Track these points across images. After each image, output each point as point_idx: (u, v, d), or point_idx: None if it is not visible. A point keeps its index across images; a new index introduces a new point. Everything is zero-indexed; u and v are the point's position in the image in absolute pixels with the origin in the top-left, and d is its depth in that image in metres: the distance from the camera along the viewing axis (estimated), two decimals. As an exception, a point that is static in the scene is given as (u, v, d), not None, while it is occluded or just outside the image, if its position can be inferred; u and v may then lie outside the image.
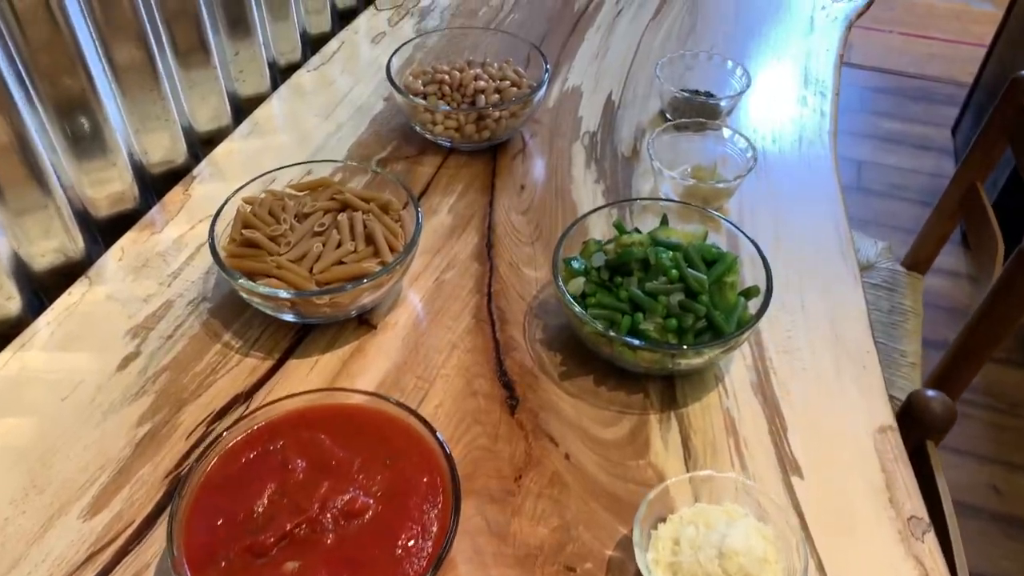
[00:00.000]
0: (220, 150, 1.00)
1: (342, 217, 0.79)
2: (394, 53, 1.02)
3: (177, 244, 0.88)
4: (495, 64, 1.03)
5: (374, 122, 1.05)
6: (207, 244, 0.76)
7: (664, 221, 0.81)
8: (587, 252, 0.78)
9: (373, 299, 0.76)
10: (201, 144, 1.02)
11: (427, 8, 1.30)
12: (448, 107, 0.95)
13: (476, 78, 0.99)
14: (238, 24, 1.01)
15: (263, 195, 0.82)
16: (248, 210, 0.80)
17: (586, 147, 1.02)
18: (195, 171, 0.97)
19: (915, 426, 0.84)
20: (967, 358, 1.03)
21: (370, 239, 0.78)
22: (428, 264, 0.86)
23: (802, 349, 0.78)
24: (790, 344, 0.78)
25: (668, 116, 1.06)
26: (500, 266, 0.86)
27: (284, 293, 0.72)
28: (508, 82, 1.00)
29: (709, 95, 1.06)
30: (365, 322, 0.80)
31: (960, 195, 1.39)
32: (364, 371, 0.75)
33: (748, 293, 0.75)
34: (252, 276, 0.75)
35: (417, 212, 0.79)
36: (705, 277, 0.72)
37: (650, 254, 0.73)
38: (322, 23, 1.21)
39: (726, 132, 0.96)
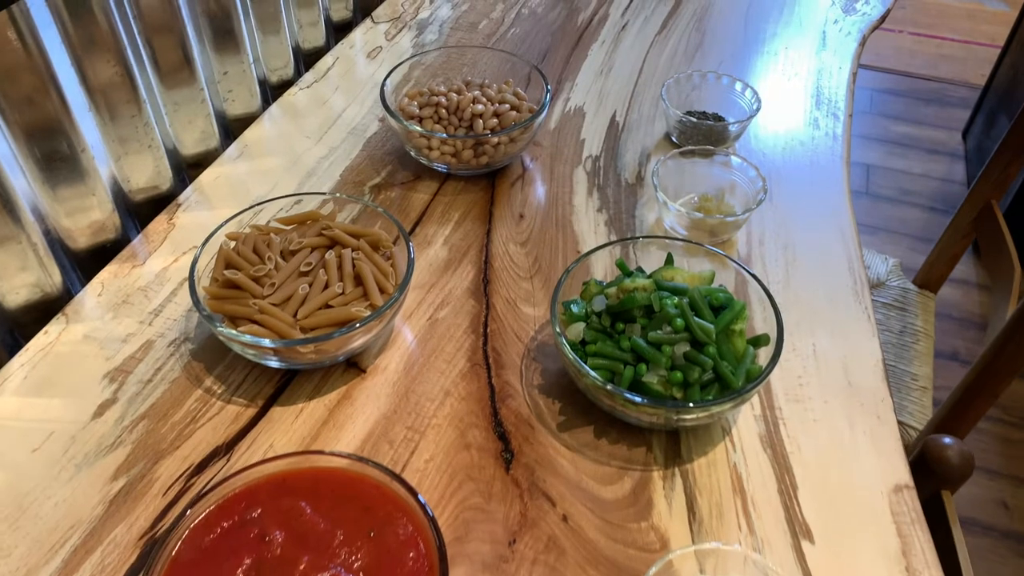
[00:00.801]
0: (207, 175, 0.96)
1: (330, 255, 0.75)
2: (388, 75, 0.97)
3: (160, 278, 0.84)
4: (494, 85, 0.99)
5: (368, 145, 1.01)
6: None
7: (669, 260, 0.77)
8: (588, 294, 0.74)
9: (362, 343, 0.73)
10: (188, 168, 0.98)
11: (425, 21, 1.25)
12: (444, 135, 0.91)
13: (474, 101, 0.95)
14: (225, 39, 0.97)
15: (247, 230, 0.79)
16: (231, 247, 0.76)
17: (588, 173, 0.98)
18: (180, 198, 0.93)
19: (930, 476, 0.80)
20: (975, 398, 0.99)
21: (359, 280, 0.74)
22: (422, 300, 0.82)
23: (813, 398, 0.74)
24: (801, 392, 0.74)
25: (674, 139, 1.02)
26: (497, 303, 0.82)
27: (266, 342, 0.68)
28: (507, 105, 0.95)
29: (717, 118, 1.02)
30: (354, 365, 0.76)
31: (975, 213, 1.34)
32: (352, 420, 0.71)
33: (757, 342, 0.71)
34: (234, 320, 0.71)
35: (409, 249, 0.75)
36: (712, 327, 0.68)
37: (654, 301, 0.69)
38: (316, 37, 1.16)
39: (735, 160, 0.91)
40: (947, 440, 0.80)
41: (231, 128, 1.04)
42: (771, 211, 0.93)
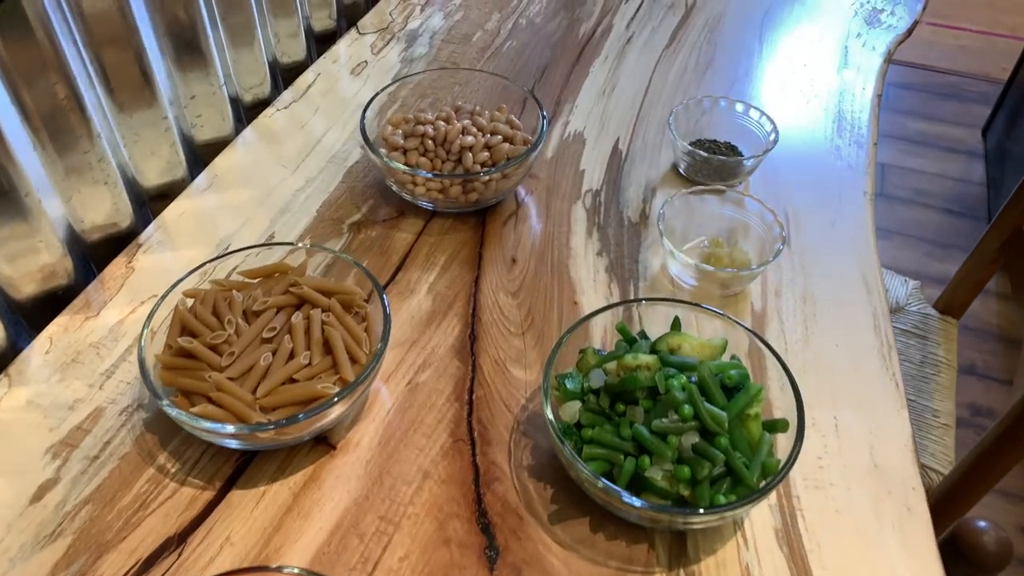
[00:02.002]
0: (172, 210, 0.88)
1: (297, 319, 0.67)
2: (368, 103, 0.89)
3: (114, 333, 0.76)
4: (486, 113, 0.91)
5: (349, 175, 0.93)
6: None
7: (676, 324, 0.69)
8: (585, 364, 0.66)
9: (330, 421, 0.65)
10: (151, 200, 0.90)
11: (415, 32, 1.17)
12: (429, 173, 0.82)
13: (464, 132, 0.87)
14: (191, 54, 0.88)
15: (208, 286, 0.71)
16: (188, 307, 0.68)
17: (588, 209, 0.89)
18: (142, 237, 0.85)
19: (962, 562, 0.73)
20: (1004, 452, 0.91)
21: (328, 347, 0.66)
22: (401, 360, 0.74)
23: (835, 484, 0.66)
24: (821, 476, 0.66)
25: (682, 171, 0.93)
26: (484, 364, 0.74)
27: (221, 427, 0.60)
28: (500, 137, 0.87)
29: (730, 148, 0.93)
30: (323, 440, 0.68)
31: (1002, 240, 1.26)
32: (319, 506, 0.64)
33: (775, 427, 0.63)
34: (189, 395, 0.64)
35: (385, 308, 0.67)
36: (724, 415, 0.60)
37: (659, 382, 0.61)
38: (296, 50, 1.08)
39: (751, 203, 0.83)
40: (982, 524, 0.72)
41: (200, 154, 0.96)
42: (788, 256, 0.84)
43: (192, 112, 0.91)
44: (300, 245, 0.73)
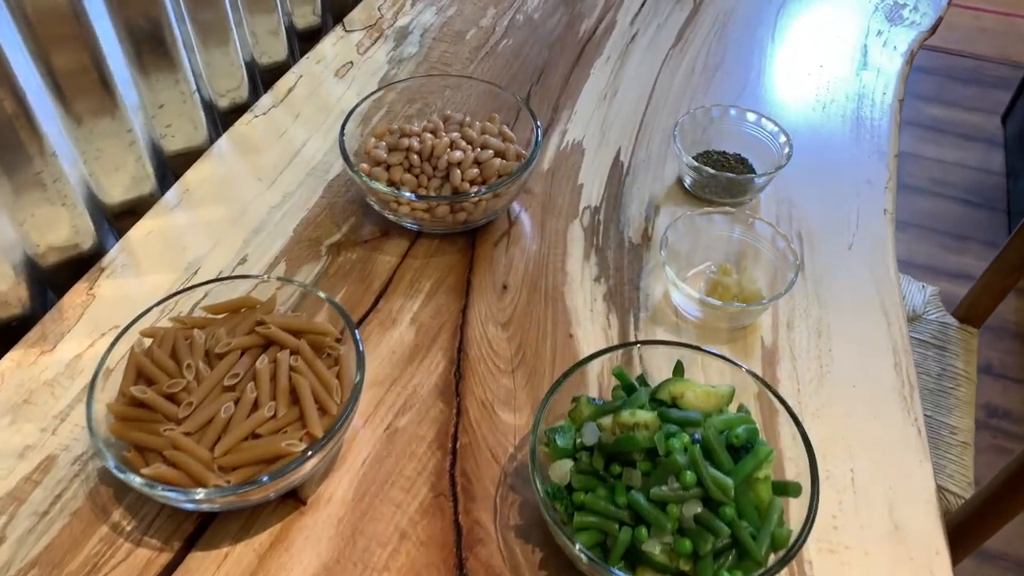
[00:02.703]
0: (138, 230, 0.82)
1: (262, 364, 0.61)
2: (350, 113, 0.82)
3: (71, 369, 0.70)
4: (476, 124, 0.84)
5: (329, 190, 0.87)
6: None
7: (678, 370, 0.63)
8: (578, 414, 0.61)
9: (297, 479, 0.59)
10: (117, 218, 0.84)
11: (404, 29, 1.09)
12: (413, 195, 0.76)
13: (452, 146, 0.80)
14: (156, 56, 0.81)
15: (168, 324, 0.65)
16: (144, 348, 0.62)
17: (586, 229, 0.83)
18: (105, 260, 0.79)
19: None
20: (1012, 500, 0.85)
21: (296, 395, 0.60)
22: (379, 402, 0.68)
23: (851, 547, 0.60)
24: (836, 539, 0.61)
25: (687, 186, 0.87)
26: (470, 407, 0.68)
27: (175, 494, 0.54)
28: (491, 152, 0.80)
29: (740, 161, 0.87)
30: (292, 494, 0.62)
31: (1026, 249, 1.19)
32: (286, 571, 0.58)
33: (786, 490, 0.57)
34: (143, 451, 0.58)
35: (359, 352, 0.61)
36: (730, 482, 0.54)
37: (658, 443, 0.55)
38: (276, 49, 1.01)
39: (762, 227, 0.76)
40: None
41: (172, 166, 0.90)
42: (801, 283, 0.78)
43: (161, 121, 0.85)
44: (266, 278, 0.67)
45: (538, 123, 0.82)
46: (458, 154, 0.79)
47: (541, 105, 0.98)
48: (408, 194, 0.76)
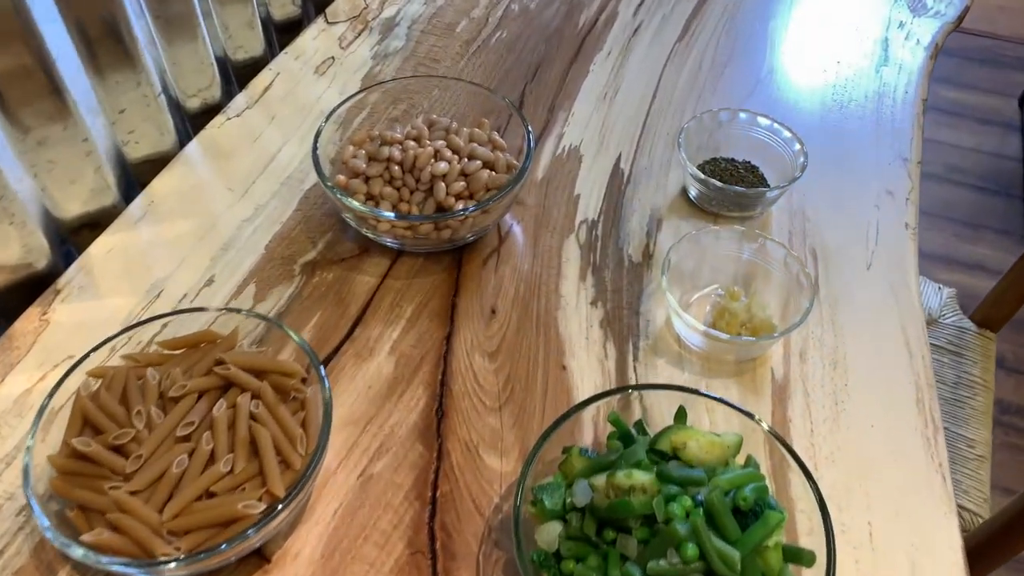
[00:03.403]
0: (98, 247, 0.76)
1: (219, 411, 0.55)
2: (326, 119, 0.76)
3: (19, 405, 0.64)
4: (464, 131, 0.77)
5: (305, 201, 0.80)
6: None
7: (681, 415, 0.57)
8: (568, 468, 0.55)
9: (258, 540, 0.53)
10: (76, 232, 0.78)
11: (391, 21, 1.02)
12: (392, 214, 0.70)
13: (436, 155, 0.74)
14: (114, 55, 0.74)
15: (119, 363, 0.59)
16: (91, 392, 0.56)
17: (582, 245, 0.77)
18: (61, 281, 0.73)
19: None
20: None
21: (256, 446, 0.54)
22: (354, 444, 0.62)
23: (871, 615, 0.54)
24: (853, 605, 0.55)
25: (692, 197, 0.80)
26: (453, 450, 0.62)
27: (117, 565, 0.49)
28: (479, 162, 0.74)
29: (750, 169, 0.80)
30: (255, 551, 0.57)
31: (1051, 253, 1.12)
32: (246, 641, 0.53)
33: (799, 558, 0.51)
34: (86, 511, 0.52)
35: (325, 400, 0.55)
36: (737, 555, 0.48)
37: (657, 508, 0.49)
38: (252, 44, 0.94)
39: (773, 247, 0.70)
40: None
41: (136, 173, 0.83)
42: (816, 308, 0.72)
43: (122, 127, 0.78)
44: (228, 311, 0.61)
45: (530, 131, 0.75)
46: (443, 165, 0.73)
47: (536, 106, 0.91)
48: (386, 213, 0.69)
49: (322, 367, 0.57)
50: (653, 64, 0.96)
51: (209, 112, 0.90)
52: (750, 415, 0.55)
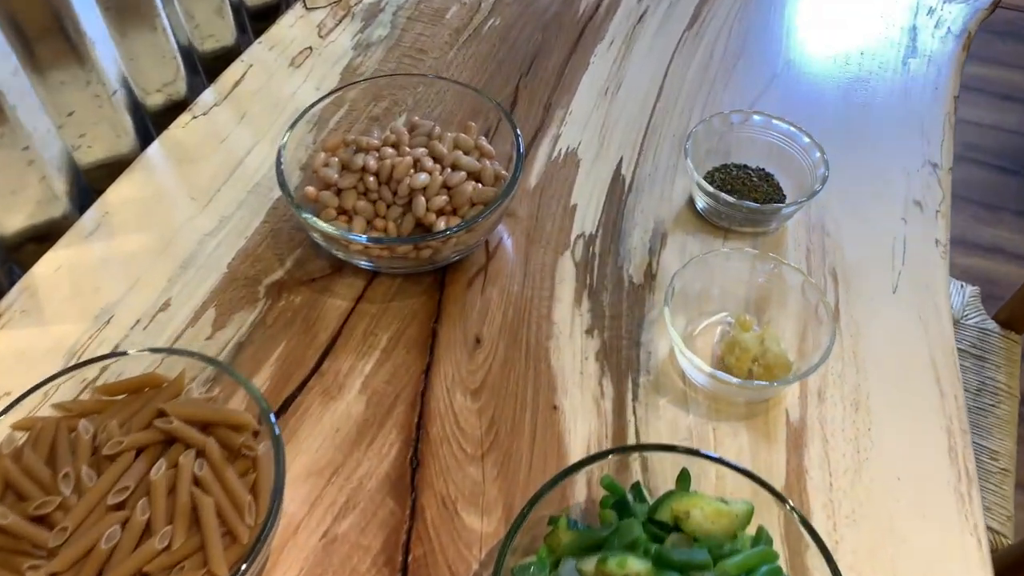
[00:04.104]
0: (44, 266, 0.69)
1: (158, 474, 0.49)
2: (295, 122, 0.68)
3: (-53, 449, 0.58)
4: (448, 136, 0.70)
5: (273, 213, 0.73)
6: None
7: (684, 479, 0.50)
8: (555, 542, 0.48)
9: (201, 624, 0.47)
10: (16, 250, 0.71)
11: (375, 7, 0.94)
12: (363, 238, 0.62)
13: (416, 165, 0.66)
14: (55, 50, 0.66)
15: (49, 414, 0.52)
16: (14, 448, 0.50)
17: (578, 264, 0.69)
18: (1, 305, 0.66)
19: None
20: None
21: (198, 519, 0.48)
22: (317, 498, 0.56)
23: None
24: None
25: (700, 209, 0.73)
26: (428, 506, 0.56)
27: (27, 664, 0.42)
28: (463, 173, 0.66)
29: (764, 177, 0.72)
30: (204, 626, 0.50)
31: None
32: None
33: (818, 655, 0.44)
34: (1, 590, 0.46)
35: (278, 459, 0.48)
36: (747, 662, 0.41)
37: (654, 603, 0.42)
38: (223, 32, 0.86)
39: (789, 273, 0.63)
40: None
41: (91, 179, 0.76)
42: (836, 340, 0.64)
43: (72, 131, 0.71)
44: (174, 353, 0.54)
45: (520, 139, 0.67)
46: (422, 177, 0.65)
47: (531, 102, 0.83)
48: (356, 236, 0.62)
49: (275, 424, 0.50)
50: (659, 55, 0.88)
51: (176, 109, 0.82)
52: (766, 485, 0.48)
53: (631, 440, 0.59)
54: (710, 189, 0.67)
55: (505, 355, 0.64)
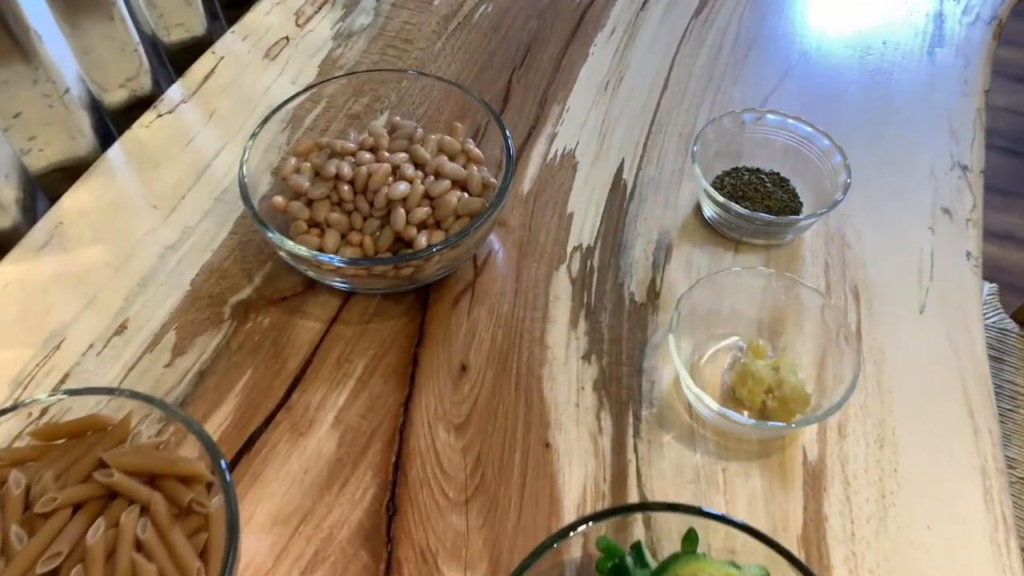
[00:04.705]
0: (-12, 283, 0.63)
1: (96, 536, 0.43)
2: (264, 123, 0.62)
3: None
4: (432, 138, 0.63)
5: (242, 224, 0.67)
6: None
7: (690, 539, 0.44)
8: (544, 613, 0.42)
9: None
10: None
11: (357, -8, 0.87)
12: (336, 258, 0.56)
13: (395, 172, 0.60)
14: None
15: (-24, 462, 0.46)
16: (-63, 505, 0.44)
17: (575, 280, 0.63)
18: (-61, 328, 0.60)
19: None
20: None
21: (142, 587, 0.42)
22: (283, 551, 0.50)
23: None
24: None
25: (708, 218, 0.66)
26: (406, 560, 0.50)
27: None
28: (447, 183, 0.60)
29: (778, 182, 0.66)
30: None
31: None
32: None
33: None
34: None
35: (231, 519, 0.43)
36: None
37: None
38: (191, 21, 0.80)
39: (808, 294, 0.56)
40: None
41: (44, 184, 0.70)
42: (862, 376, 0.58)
43: (20, 133, 0.65)
44: (114, 392, 0.48)
45: (510, 145, 0.61)
46: (402, 187, 0.59)
47: (525, 98, 0.76)
48: (327, 256, 0.56)
49: (228, 477, 0.44)
50: (665, 46, 0.81)
51: (141, 106, 0.76)
52: (781, 550, 0.42)
53: (631, 482, 0.53)
54: (720, 199, 0.61)
55: (493, 384, 0.58)
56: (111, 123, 0.75)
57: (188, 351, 0.59)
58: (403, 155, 0.62)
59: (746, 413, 0.56)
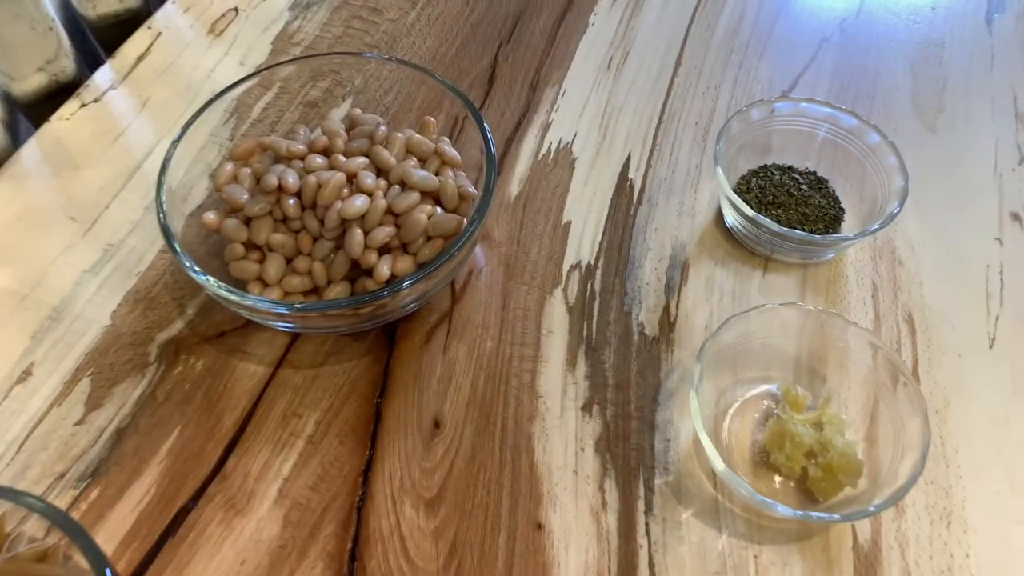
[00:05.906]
0: None
1: None
2: (197, 116, 0.51)
3: None
4: (398, 137, 0.52)
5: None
6: None
7: None
8: None
9: None
10: None
11: (318, -46, 0.75)
12: (272, 303, 0.45)
13: (351, 182, 0.49)
14: None
15: None
16: None
17: (572, 308, 0.53)
18: None
19: None
20: None
21: None
22: (213, 666, 0.40)
23: None
24: None
25: (729, 226, 0.55)
26: (363, 677, 0.40)
27: None
28: (415, 196, 0.49)
29: (815, 185, 0.55)
30: None
31: None
32: None
33: None
34: None
35: None
36: None
37: None
38: (124, -7, 0.68)
39: (852, 333, 0.46)
40: None
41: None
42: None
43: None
44: (23, 499, 0.38)
45: (492, 147, 0.50)
46: (359, 202, 0.48)
47: (513, 80, 0.65)
48: (258, 299, 0.45)
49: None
50: (676, 19, 0.70)
51: (64, 92, 0.64)
52: None
53: (642, 573, 0.43)
54: (749, 212, 0.50)
55: (473, 445, 0.47)
56: (26, 116, 0.64)
57: (105, 403, 0.49)
58: (362, 160, 0.51)
59: (778, 481, 0.45)
